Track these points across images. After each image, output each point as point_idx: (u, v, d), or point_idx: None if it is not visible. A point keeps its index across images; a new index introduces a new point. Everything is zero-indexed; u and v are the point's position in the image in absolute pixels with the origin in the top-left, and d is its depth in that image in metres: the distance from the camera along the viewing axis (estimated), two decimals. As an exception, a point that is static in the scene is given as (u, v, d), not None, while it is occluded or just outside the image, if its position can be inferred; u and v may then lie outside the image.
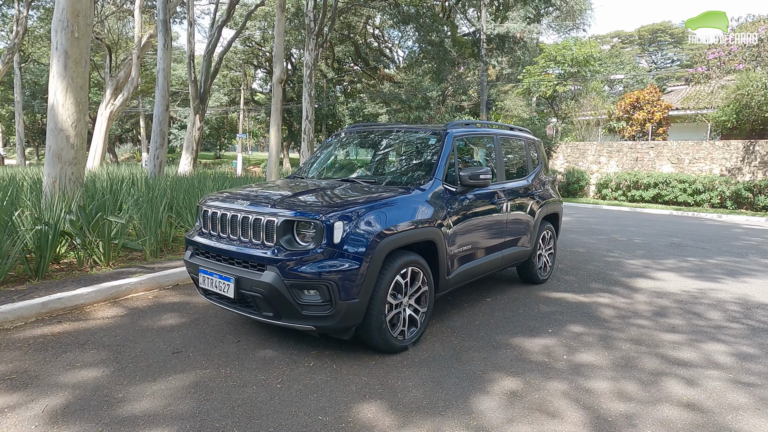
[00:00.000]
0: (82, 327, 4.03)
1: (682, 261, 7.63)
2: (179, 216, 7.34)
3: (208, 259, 3.73)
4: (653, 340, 4.13)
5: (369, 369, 3.41)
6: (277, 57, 8.95)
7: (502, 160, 5.15)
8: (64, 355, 3.49)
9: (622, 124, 23.33)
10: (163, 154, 12.23)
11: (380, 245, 3.40)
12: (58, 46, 6.66)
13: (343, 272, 3.24)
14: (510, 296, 5.32)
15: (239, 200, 3.71)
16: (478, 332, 4.19)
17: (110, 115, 20.09)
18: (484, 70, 24.70)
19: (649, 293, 5.65)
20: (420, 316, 3.84)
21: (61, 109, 6.67)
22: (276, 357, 3.56)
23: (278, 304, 3.30)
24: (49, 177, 6.69)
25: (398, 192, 3.91)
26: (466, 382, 3.26)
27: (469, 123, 5.10)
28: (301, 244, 3.34)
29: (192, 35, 17.11)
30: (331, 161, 5.22)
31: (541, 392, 3.15)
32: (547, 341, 4.03)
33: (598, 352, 3.84)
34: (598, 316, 4.73)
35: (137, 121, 43.15)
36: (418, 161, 4.55)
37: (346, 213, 3.37)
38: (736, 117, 20.11)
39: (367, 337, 3.53)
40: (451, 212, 4.13)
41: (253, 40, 36.12)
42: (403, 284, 3.65)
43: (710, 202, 17.99)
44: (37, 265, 5.05)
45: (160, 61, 12.05)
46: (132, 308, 4.56)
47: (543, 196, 5.73)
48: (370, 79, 36.77)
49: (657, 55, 53.75)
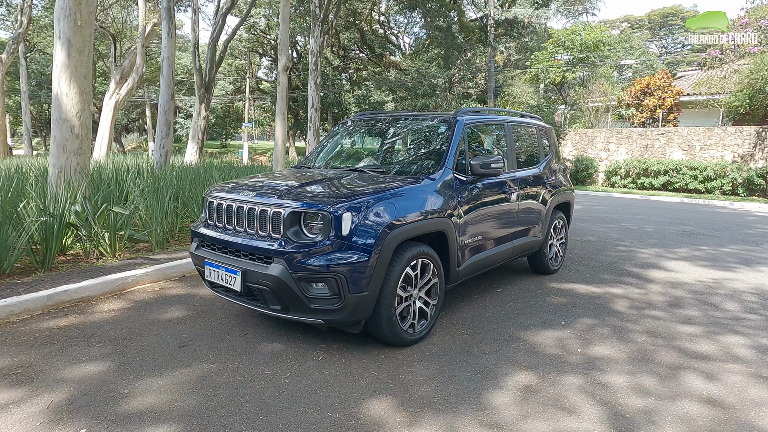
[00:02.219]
0: (87, 320, 3.99)
1: (694, 250, 7.49)
2: (185, 206, 7.28)
3: (213, 251, 3.66)
4: (669, 333, 4.03)
5: (379, 363, 3.33)
6: (282, 44, 8.80)
7: (513, 148, 5.02)
8: (69, 348, 3.45)
9: (632, 111, 22.98)
10: (169, 144, 12.15)
11: (390, 237, 3.31)
12: (61, 34, 6.57)
13: (352, 265, 3.16)
14: (521, 287, 5.23)
15: (245, 191, 3.62)
16: (489, 324, 4.10)
17: (116, 104, 20.03)
18: (491, 56, 24.37)
19: (663, 283, 5.53)
20: (430, 309, 3.76)
21: (65, 99, 6.60)
22: (284, 351, 3.50)
23: (286, 297, 3.22)
24: (54, 167, 6.64)
25: (407, 182, 3.81)
26: (478, 376, 3.18)
27: (479, 110, 4.97)
28: (309, 235, 3.25)
29: (196, 23, 16.94)
30: (339, 150, 5.11)
31: (556, 387, 3.07)
32: (560, 333, 3.94)
33: (613, 344, 3.75)
34: (611, 308, 4.63)
35: (143, 110, 43.09)
36: (427, 150, 4.44)
37: (354, 204, 3.28)
38: (749, 102, 19.73)
39: (377, 330, 3.46)
40: (461, 202, 4.03)
41: (257, 28, 35.82)
42: (413, 276, 3.57)
43: (721, 189, 17.73)
44: (43, 256, 5.01)
45: (165, 49, 11.93)
46: (138, 300, 4.51)
47: (554, 185, 5.61)
48: (376, 66, 36.43)
49: (667, 40, 52.88)
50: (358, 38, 34.29)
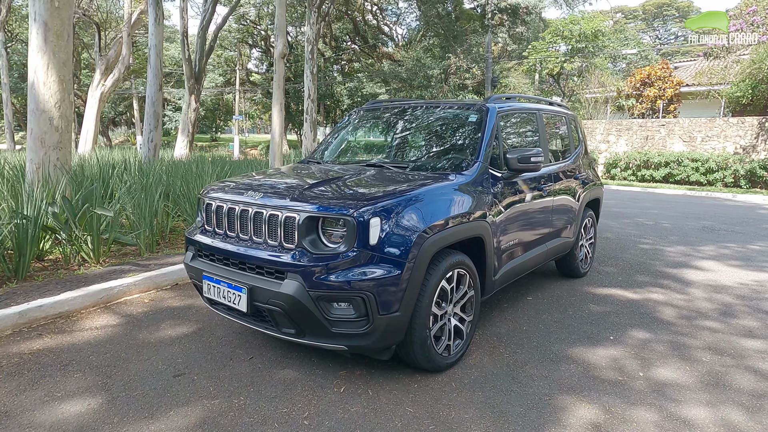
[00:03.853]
0: (66, 341, 3.43)
1: (721, 248, 7.04)
2: (176, 205, 6.69)
3: (213, 263, 3.10)
4: (735, 349, 3.55)
5: (412, 395, 2.81)
6: (279, 29, 8.20)
7: (545, 138, 4.50)
8: (42, 381, 2.89)
9: (631, 102, 22.55)
10: (158, 137, 11.50)
11: (425, 245, 2.78)
12: (37, 16, 5.93)
13: (382, 280, 2.62)
14: (552, 293, 4.73)
15: (250, 191, 3.06)
16: (529, 341, 3.60)
17: (101, 96, 19.20)
18: (489, 45, 23.81)
19: (704, 287, 5.07)
20: (465, 326, 3.25)
21: (42, 88, 5.96)
22: (298, 379, 2.97)
23: (302, 319, 2.69)
24: (32, 163, 6.02)
25: (438, 179, 3.27)
26: (533, 412, 2.67)
27: (510, 97, 4.44)
28: (329, 245, 2.71)
29: (185, 10, 16.20)
30: (350, 143, 4.56)
31: (629, 425, 2.57)
32: (613, 352, 3.45)
33: (678, 365, 3.26)
34: (658, 318, 4.14)
35: (131, 103, 42.00)
36: (455, 142, 3.89)
37: (382, 206, 2.73)
38: (751, 92, 19.38)
39: (409, 355, 2.93)
40: (496, 201, 3.51)
41: (248, 18, 34.87)
42: (448, 290, 3.05)
43: (723, 181, 17.39)
44: (17, 264, 4.43)
45: (152, 37, 11.24)
46: (126, 315, 3.95)
47: (586, 180, 5.11)
48: (368, 57, 35.69)
49: (660, 31, 52.54)
50: (350, 29, 33.51)
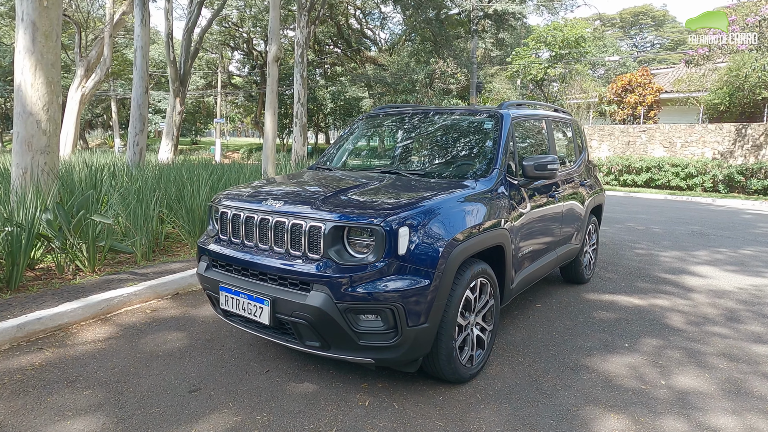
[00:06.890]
0: (69, 355, 3.28)
1: (714, 252, 7.16)
2: (171, 210, 6.52)
3: (230, 274, 2.99)
4: (748, 355, 3.57)
5: (439, 407, 2.75)
6: (273, 32, 8.09)
7: (554, 145, 4.50)
8: (50, 398, 2.75)
9: (613, 108, 22.96)
10: (144, 141, 11.23)
11: (453, 254, 2.73)
12: (24, 16, 5.73)
13: (411, 291, 2.56)
14: (558, 300, 4.73)
15: (269, 199, 2.97)
16: (546, 350, 3.57)
17: (82, 98, 18.76)
18: (474, 50, 23.98)
19: (706, 293, 5.13)
20: (487, 336, 3.20)
21: (30, 90, 5.76)
22: (319, 393, 2.88)
23: (328, 332, 2.61)
24: (19, 168, 5.80)
25: (459, 187, 3.23)
26: (564, 424, 2.63)
27: (521, 103, 4.43)
28: (356, 256, 2.64)
29: (170, 12, 15.92)
30: (359, 150, 4.49)
31: (660, 436, 2.55)
32: (631, 359, 3.44)
33: (696, 373, 3.27)
34: (668, 324, 4.16)
35: (108, 105, 41.15)
36: (471, 149, 3.86)
37: (410, 215, 2.68)
38: (728, 100, 19.90)
39: (434, 367, 2.87)
40: (513, 209, 3.48)
41: (230, 21, 34.51)
42: (472, 299, 3.00)
43: (703, 186, 17.78)
44: (9, 274, 4.24)
45: (138, 38, 11.00)
46: (128, 326, 3.81)
47: (591, 186, 5.13)
48: (351, 61, 35.61)
49: (636, 39, 53.67)
50: (334, 32, 33.40)
